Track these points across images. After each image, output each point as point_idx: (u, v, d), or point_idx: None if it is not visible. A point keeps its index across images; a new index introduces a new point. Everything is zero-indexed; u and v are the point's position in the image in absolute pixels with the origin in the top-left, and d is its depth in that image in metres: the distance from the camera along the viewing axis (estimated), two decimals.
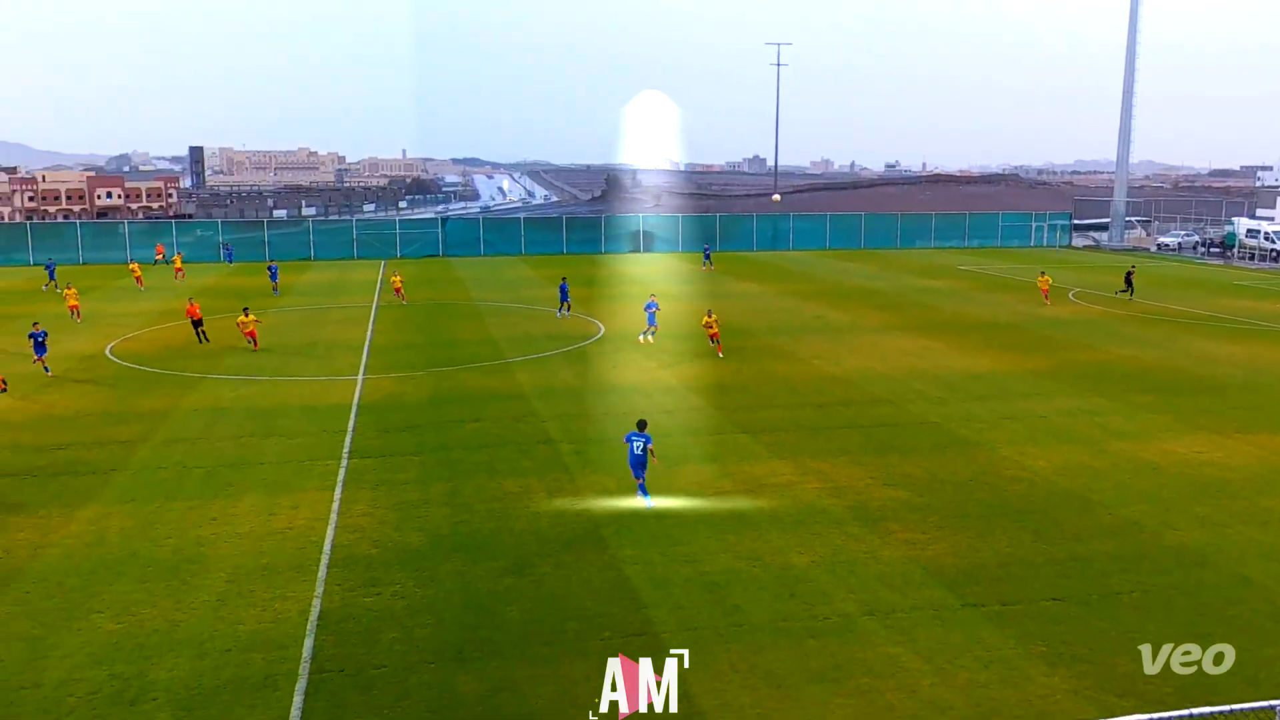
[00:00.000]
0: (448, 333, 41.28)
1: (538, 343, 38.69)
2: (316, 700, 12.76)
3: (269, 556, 17.36)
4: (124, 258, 70.69)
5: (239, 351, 36.54)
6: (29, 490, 20.93)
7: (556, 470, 22.24)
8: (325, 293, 54.27)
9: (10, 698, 12.80)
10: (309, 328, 42.40)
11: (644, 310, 38.57)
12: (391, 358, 35.52)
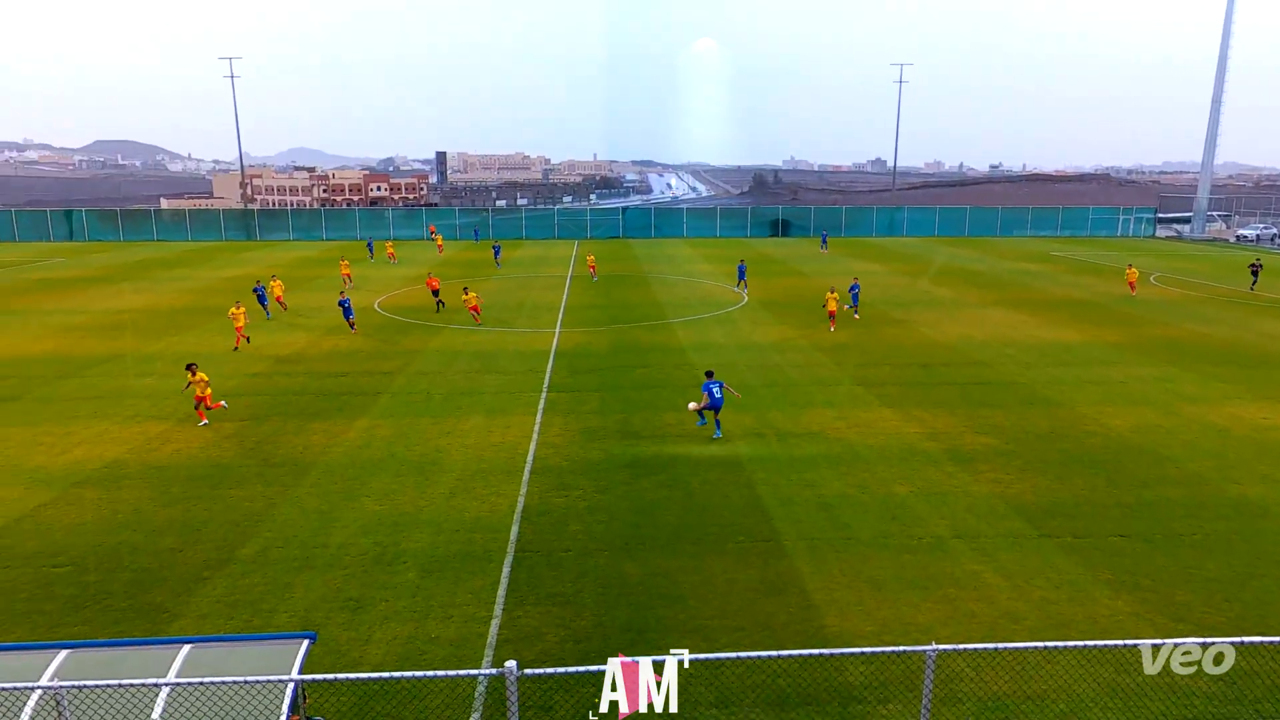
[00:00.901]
0: (624, 297, 41.78)
1: (693, 307, 38.69)
2: (519, 572, 13.43)
3: (487, 463, 18.25)
4: (389, 235, 74.95)
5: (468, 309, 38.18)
6: (322, 405, 22.64)
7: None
8: (532, 265, 55.87)
9: (308, 553, 14.05)
10: (520, 292, 43.74)
11: (849, 291, 35.20)
12: (581, 316, 36.34)
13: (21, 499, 16.19)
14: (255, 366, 26.78)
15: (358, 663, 10.79)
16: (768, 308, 38.44)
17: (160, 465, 18.05)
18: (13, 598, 12.57)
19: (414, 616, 12.11)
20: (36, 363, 27.21)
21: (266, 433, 20.18)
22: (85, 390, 24.01)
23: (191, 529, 14.91)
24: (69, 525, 15.05)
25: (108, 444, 19.31)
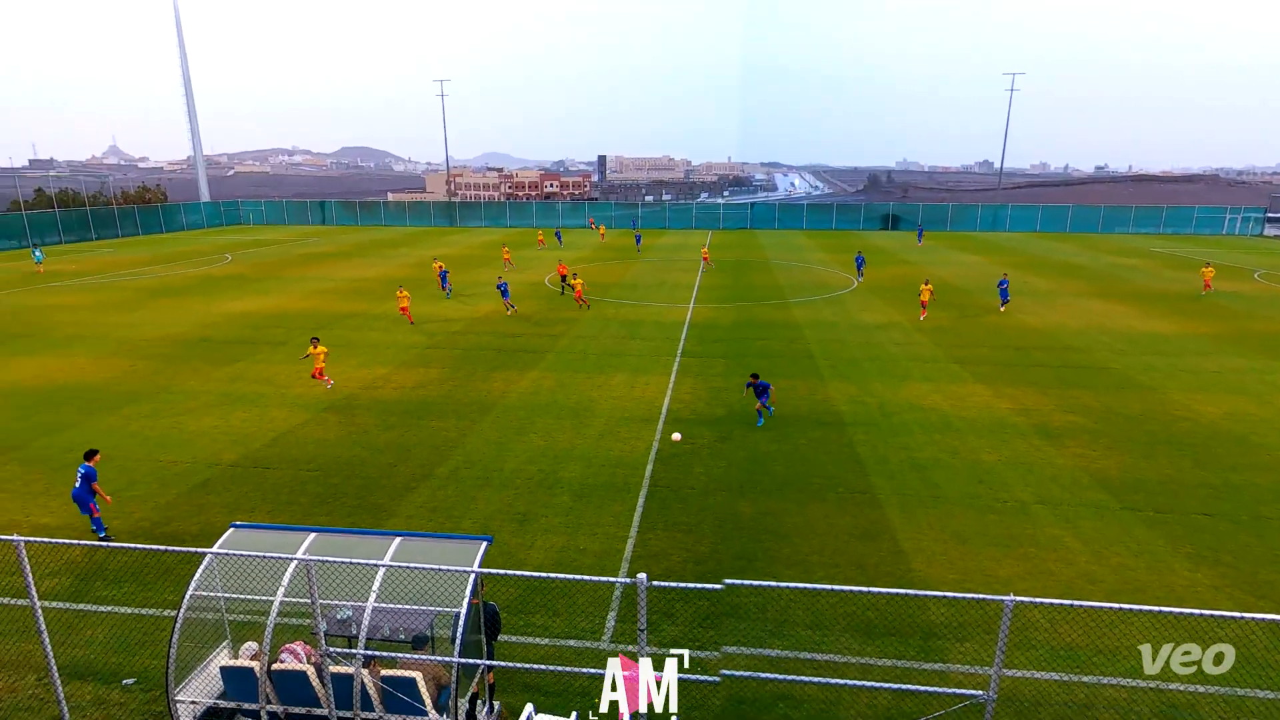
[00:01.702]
0: (748, 280, 41.05)
1: (809, 290, 37.48)
2: (651, 503, 13.66)
3: (630, 412, 18.58)
4: (558, 224, 76.94)
5: (620, 286, 38.64)
6: (502, 360, 23.73)
7: (813, 377, 21.72)
8: (672, 251, 55.81)
9: (488, 475, 14.86)
10: (660, 273, 43.84)
11: (997, 286, 31.99)
12: (711, 294, 36.06)
13: (286, 419, 18.03)
14: (454, 326, 28.37)
15: (522, 563, 11.38)
16: (875, 292, 36.69)
17: (383, 399, 19.55)
18: (279, 491, 14.10)
19: (567, 531, 12.61)
20: (298, 317, 30.01)
21: (460, 378, 21.40)
22: (332, 339, 26.23)
23: (404, 449, 16.11)
24: (318, 440, 16.63)
25: (345, 380, 21.10)
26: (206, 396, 19.67)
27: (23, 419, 17.94)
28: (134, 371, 22.05)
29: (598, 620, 10.20)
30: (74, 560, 11.49)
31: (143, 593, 10.73)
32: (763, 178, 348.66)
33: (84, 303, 33.32)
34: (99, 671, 9.16)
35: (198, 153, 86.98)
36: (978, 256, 51.71)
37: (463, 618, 7.13)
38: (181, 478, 14.63)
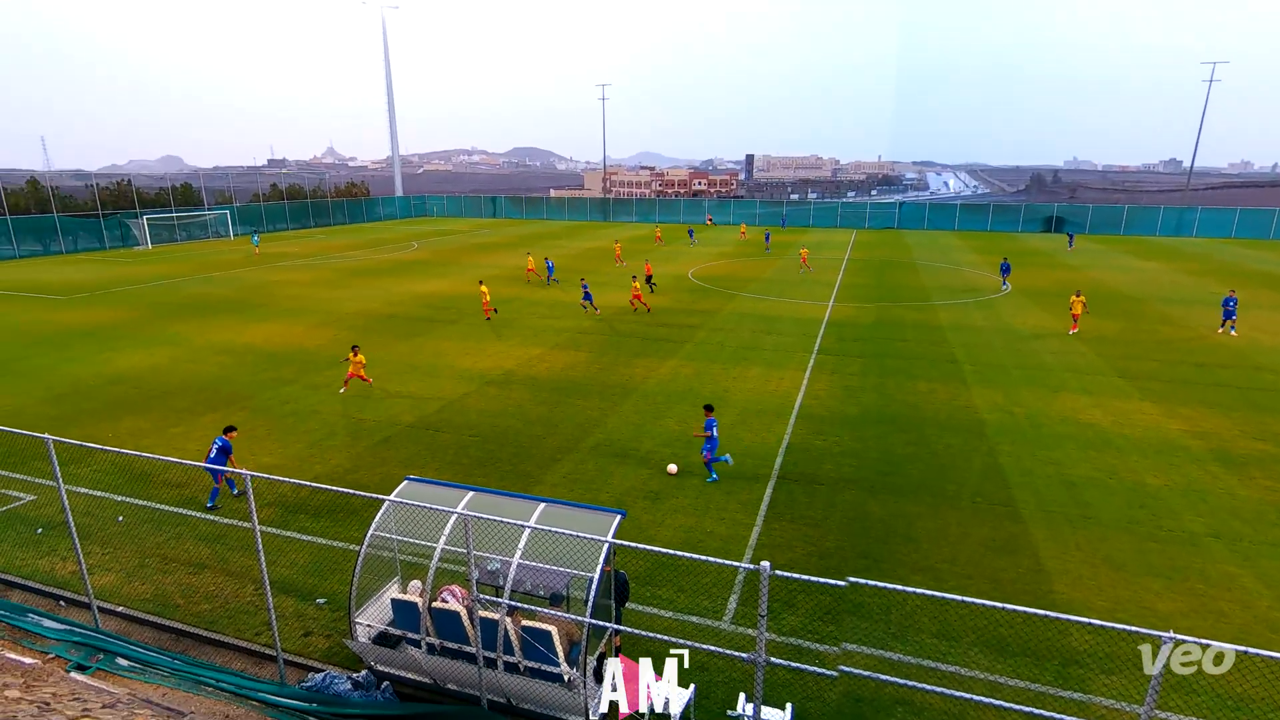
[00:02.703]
0: (892, 280, 38.82)
1: (956, 292, 34.82)
2: (779, 494, 13.38)
3: (763, 405, 18.28)
4: (703, 221, 76.85)
5: (759, 282, 37.97)
6: (644, 347, 24.15)
7: (956, 381, 20.20)
8: (815, 248, 53.90)
9: (626, 453, 15.21)
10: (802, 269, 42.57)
11: (1223, 304, 26.48)
12: (852, 292, 34.53)
13: (453, 389, 19.49)
14: (603, 313, 29.26)
15: (652, 539, 11.59)
16: (1031, 297, 33.42)
17: (535, 376, 20.60)
18: (445, 451, 15.29)
19: (695, 513, 12.66)
20: (468, 299, 32.25)
21: (605, 363, 22.06)
22: (495, 321, 28.03)
23: (552, 424, 16.89)
24: (479, 410, 17.84)
25: (504, 358, 22.45)
26: (391, 365, 21.70)
27: (253, 375, 20.72)
28: (337, 340, 24.77)
29: (720, 601, 10.18)
30: (284, 495, 13.15)
31: (334, 527, 12.09)
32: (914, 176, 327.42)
33: (302, 280, 37.86)
34: (299, 589, 10.46)
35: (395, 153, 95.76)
36: (1156, 263, 45.53)
37: (595, 582, 7.39)
38: (369, 433, 16.27)
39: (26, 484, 13.70)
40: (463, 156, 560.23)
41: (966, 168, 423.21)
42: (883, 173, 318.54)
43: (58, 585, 10.56)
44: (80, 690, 7.96)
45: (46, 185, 56.19)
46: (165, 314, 29.19)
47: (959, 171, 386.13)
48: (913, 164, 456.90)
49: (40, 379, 20.41)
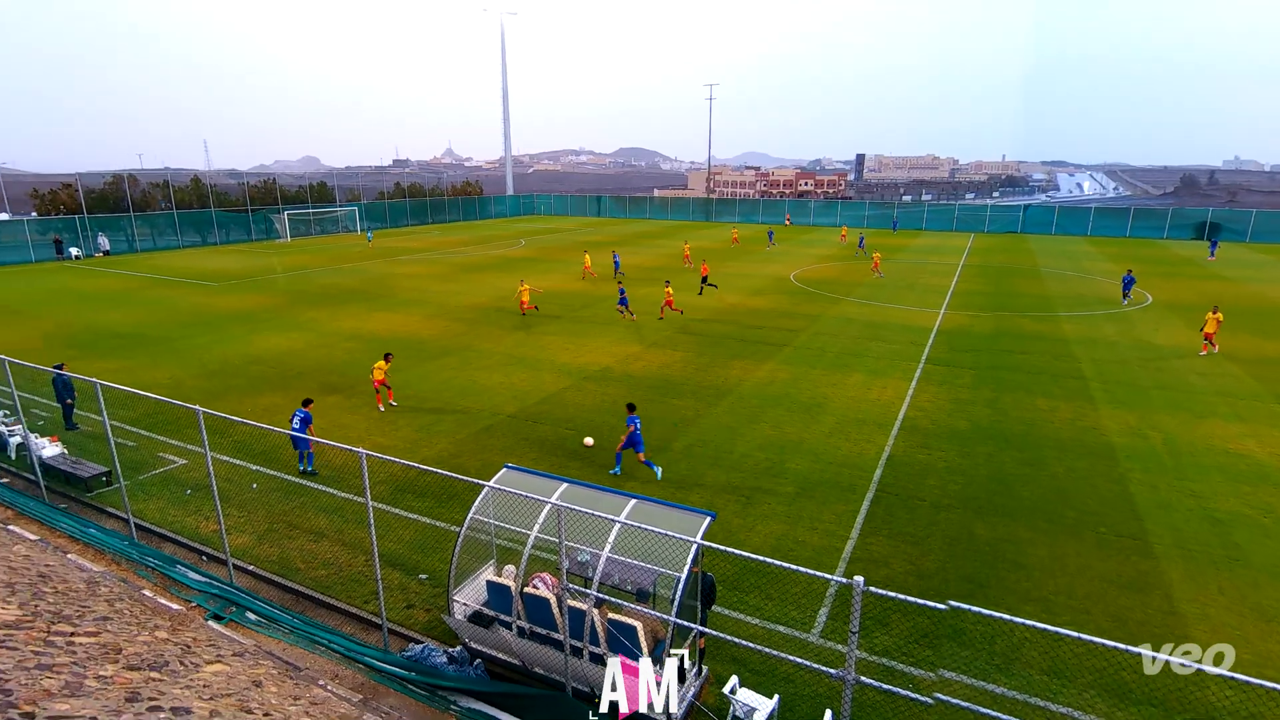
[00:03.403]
0: (1012, 287, 36.24)
1: (1086, 303, 32.03)
2: (877, 508, 12.86)
3: (863, 414, 17.61)
4: (809, 222, 75.00)
5: (866, 286, 36.60)
6: (742, 349, 23.86)
7: (1082, 400, 18.60)
8: (927, 252, 51.36)
9: (718, 455, 15.11)
10: (913, 275, 40.60)
11: None
12: (966, 300, 32.57)
13: (553, 383, 20.06)
14: (702, 314, 29.18)
15: (741, 543, 11.44)
16: (1175, 310, 30.24)
17: (632, 374, 20.84)
18: (543, 443, 15.77)
19: (787, 520, 12.38)
20: (572, 296, 33.09)
21: (702, 363, 21.99)
22: (595, 317, 28.58)
23: (646, 421, 16.96)
24: (576, 404, 18.26)
25: (602, 355, 22.85)
26: (496, 357, 22.63)
27: (373, 360, 22.21)
28: (448, 331, 26.12)
29: (809, 612, 9.91)
30: (395, 474, 14.02)
31: (438, 508, 12.76)
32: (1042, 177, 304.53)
33: (419, 273, 40.20)
34: (404, 563, 11.12)
35: (508, 154, 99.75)
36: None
37: (682, 582, 7.39)
38: (473, 421, 17.05)
39: (180, 449, 15.38)
40: (570, 157, 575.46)
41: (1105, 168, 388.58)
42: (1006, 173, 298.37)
43: (201, 542, 11.78)
44: (215, 638, 8.84)
45: (206, 183, 62.76)
46: (300, 302, 31.84)
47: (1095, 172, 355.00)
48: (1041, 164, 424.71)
49: (196, 356, 22.83)
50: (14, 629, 6.76)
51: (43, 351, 22.73)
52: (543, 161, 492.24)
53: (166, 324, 27.53)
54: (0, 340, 24.48)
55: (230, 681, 7.17)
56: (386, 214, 71.32)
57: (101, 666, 6.46)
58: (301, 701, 7.30)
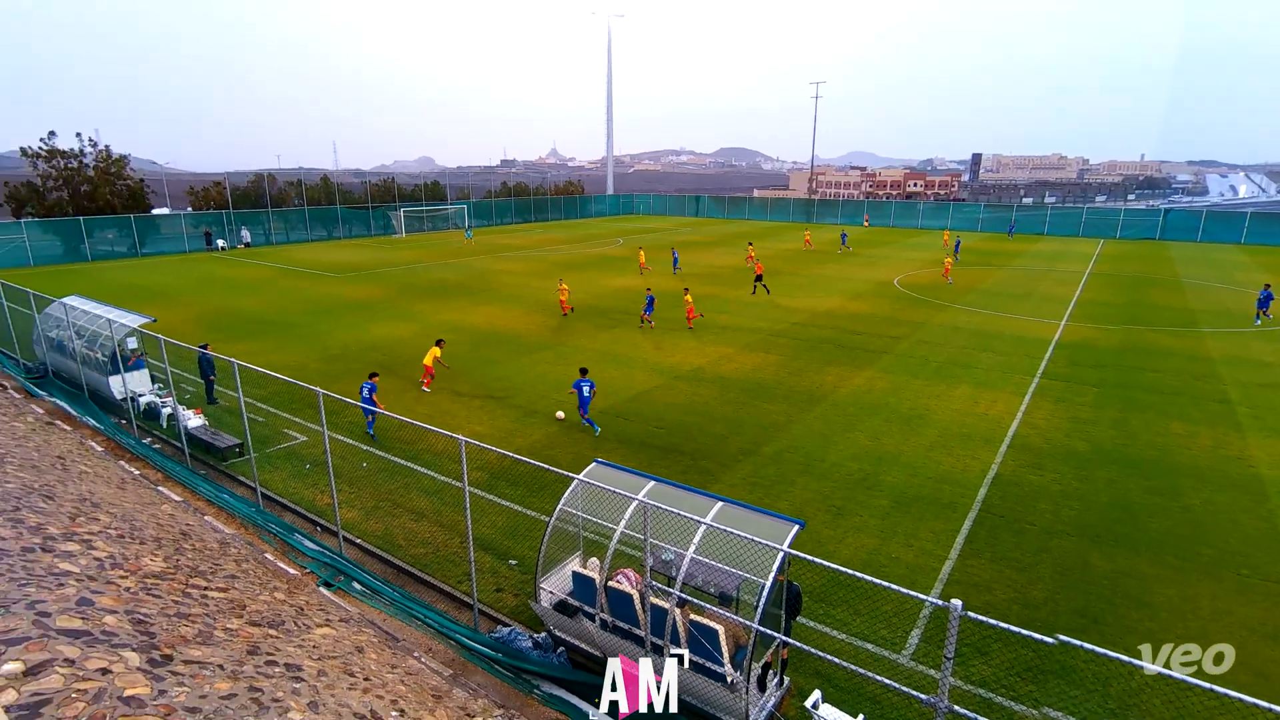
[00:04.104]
0: (1146, 299, 33.07)
1: (1235, 319, 28.71)
2: (979, 529, 12.14)
3: (968, 428, 16.65)
4: (917, 225, 71.67)
5: (977, 293, 34.56)
6: (838, 354, 23.14)
7: (1227, 425, 16.74)
8: (1047, 259, 47.79)
9: (809, 463, 14.74)
10: (1028, 282, 37.88)
11: None
12: (1092, 311, 30.06)
13: (645, 381, 20.22)
14: (797, 317, 28.53)
15: (830, 555, 11.09)
16: None
17: (723, 376, 20.67)
18: (631, 440, 15.93)
19: (880, 535, 11.90)
20: (667, 295, 33.06)
21: (796, 367, 21.50)
22: (648, 325, 28.56)
23: (736, 424, 16.85)
24: (666, 403, 18.33)
25: (694, 355, 22.80)
26: (590, 352, 23.07)
27: (472, 352, 23.22)
28: (545, 326, 26.89)
29: (900, 632, 9.48)
30: (490, 462, 14.59)
31: (529, 497, 13.17)
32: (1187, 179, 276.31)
33: (520, 270, 41.63)
34: (495, 548, 11.56)
35: (609, 154, 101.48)
36: None
37: (767, 589, 7.26)
38: (566, 414, 17.46)
39: (302, 427, 16.69)
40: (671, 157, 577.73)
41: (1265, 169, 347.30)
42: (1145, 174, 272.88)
43: (316, 513, 12.74)
44: (325, 603, 9.53)
45: (334, 182, 67.70)
46: (411, 294, 33.75)
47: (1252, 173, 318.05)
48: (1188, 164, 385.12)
49: (319, 342, 24.70)
50: (159, 579, 7.56)
51: (191, 333, 25.28)
52: (643, 161, 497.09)
53: (294, 311, 29.93)
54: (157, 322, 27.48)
55: (336, 645, 7.71)
56: (493, 212, 74.36)
57: (229, 620, 7.12)
58: (398, 670, 7.75)
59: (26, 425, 14.77)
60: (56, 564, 6.93)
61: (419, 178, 79.14)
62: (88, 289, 31.37)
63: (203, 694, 5.29)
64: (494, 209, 74.88)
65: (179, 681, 5.35)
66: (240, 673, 5.89)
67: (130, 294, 32.98)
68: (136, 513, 10.19)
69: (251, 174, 65.53)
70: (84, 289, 30.22)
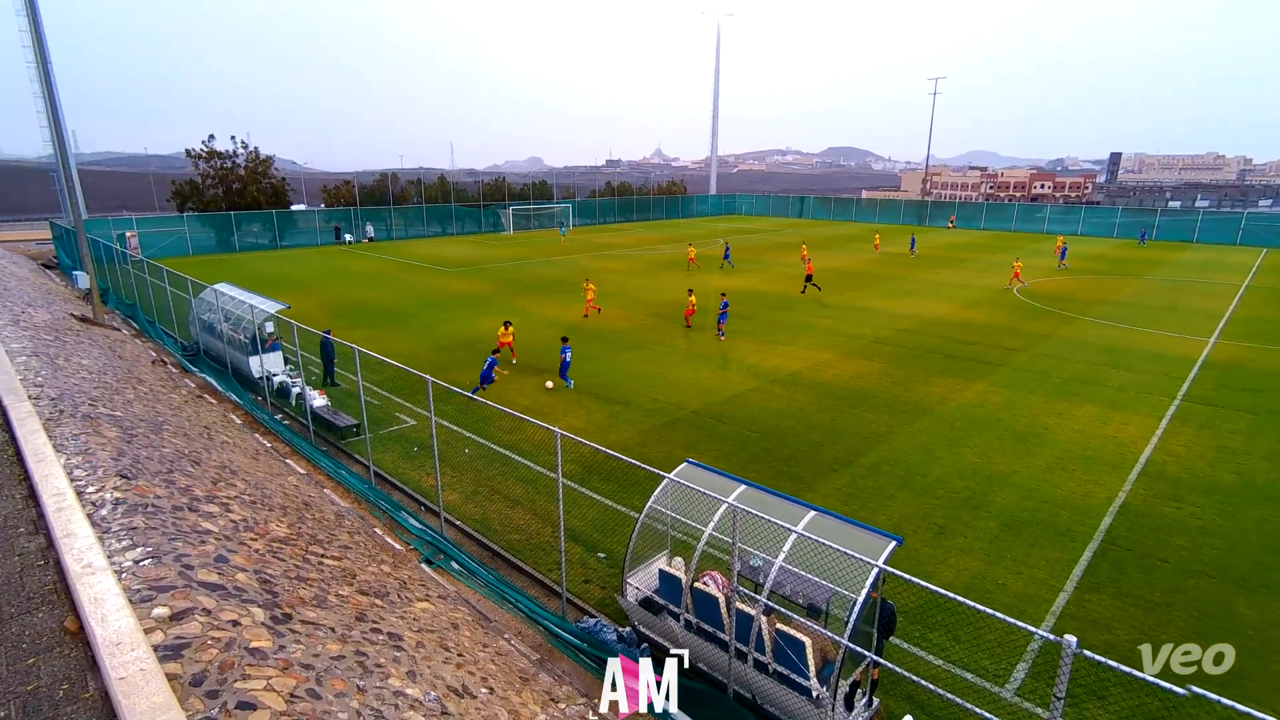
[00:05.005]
0: None
1: None
2: (1101, 560, 11.16)
3: (1093, 451, 15.33)
4: (1042, 229, 66.80)
5: (1111, 304, 31.74)
6: (948, 365, 21.95)
7: None
8: (1196, 269, 43.10)
9: (910, 478, 14.08)
10: (1172, 294, 34.32)
11: None
12: (1247, 328, 26.85)
13: (740, 383, 20.00)
14: (903, 324, 27.30)
15: (930, 575, 10.55)
16: None
17: (823, 381, 20.10)
18: (724, 441, 15.81)
19: (986, 559, 11.19)
20: (765, 297, 32.70)
21: (900, 376, 20.58)
22: (788, 320, 28.01)
23: (833, 432, 16.35)
24: (761, 406, 18.05)
25: (792, 360, 22.30)
26: (685, 353, 23.08)
27: (575, 348, 23.76)
28: (642, 324, 27.16)
29: (1004, 664, 8.87)
30: (584, 455, 14.91)
31: (620, 492, 13.36)
32: None
33: (620, 268, 42.26)
34: (585, 540, 11.81)
35: (714, 154, 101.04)
36: None
37: (859, 605, 7.01)
38: (659, 413, 17.58)
39: (411, 411, 17.73)
40: (776, 157, 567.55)
41: None
42: None
43: (421, 494, 13.50)
44: (426, 579, 10.08)
45: (450, 181, 71.40)
46: (515, 289, 35.06)
47: None
48: None
49: (429, 331, 26.15)
50: (283, 543, 8.26)
51: (319, 319, 27.44)
52: (747, 161, 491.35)
53: (409, 302, 31.83)
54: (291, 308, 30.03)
55: (434, 620, 8.14)
56: (596, 211, 75.92)
57: (340, 587, 7.68)
58: (489, 650, 8.08)
59: (181, 397, 16.56)
60: (200, 523, 7.73)
61: (528, 177, 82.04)
62: (234, 277, 34.73)
63: (315, 653, 5.74)
64: (597, 208, 76.43)
65: (296, 639, 5.83)
66: (349, 636, 6.35)
67: (269, 282, 36.23)
68: (266, 482, 11.19)
69: (377, 173, 70.30)
70: (231, 277, 33.50)
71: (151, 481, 8.53)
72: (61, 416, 10.42)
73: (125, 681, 4.41)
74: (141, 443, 10.29)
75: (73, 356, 15.77)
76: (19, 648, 5.35)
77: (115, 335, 22.52)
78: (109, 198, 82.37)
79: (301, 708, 4.84)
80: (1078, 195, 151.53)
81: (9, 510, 7.50)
